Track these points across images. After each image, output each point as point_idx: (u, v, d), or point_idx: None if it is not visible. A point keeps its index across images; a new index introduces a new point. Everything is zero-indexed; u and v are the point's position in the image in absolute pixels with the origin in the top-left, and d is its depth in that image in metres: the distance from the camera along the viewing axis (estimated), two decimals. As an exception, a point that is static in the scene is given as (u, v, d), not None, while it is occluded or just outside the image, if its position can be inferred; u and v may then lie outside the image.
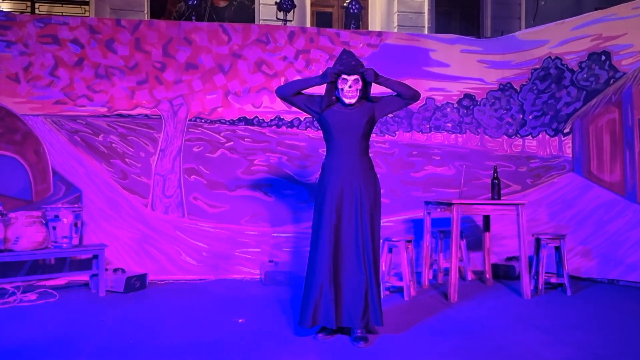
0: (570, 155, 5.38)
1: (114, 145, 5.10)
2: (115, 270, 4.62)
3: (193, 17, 5.52)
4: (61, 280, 4.71)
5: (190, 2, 5.58)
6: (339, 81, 3.15)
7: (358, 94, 3.17)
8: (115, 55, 5.11)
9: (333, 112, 3.18)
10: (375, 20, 9.68)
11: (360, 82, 3.16)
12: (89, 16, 8.34)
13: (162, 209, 5.15)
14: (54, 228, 4.29)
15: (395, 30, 8.95)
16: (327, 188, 3.14)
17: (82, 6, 8.96)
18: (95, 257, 4.44)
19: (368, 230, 3.09)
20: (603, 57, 5.13)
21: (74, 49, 5.04)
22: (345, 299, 3.08)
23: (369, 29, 8.99)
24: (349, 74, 3.11)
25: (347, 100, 3.15)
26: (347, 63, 3.11)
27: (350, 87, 3.13)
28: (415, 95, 3.21)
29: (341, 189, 3.12)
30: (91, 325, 3.41)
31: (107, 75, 5.09)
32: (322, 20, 9.52)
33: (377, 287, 3.10)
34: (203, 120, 5.28)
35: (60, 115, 5.01)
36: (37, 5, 8.93)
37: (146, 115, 5.18)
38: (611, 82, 5.09)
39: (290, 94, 3.24)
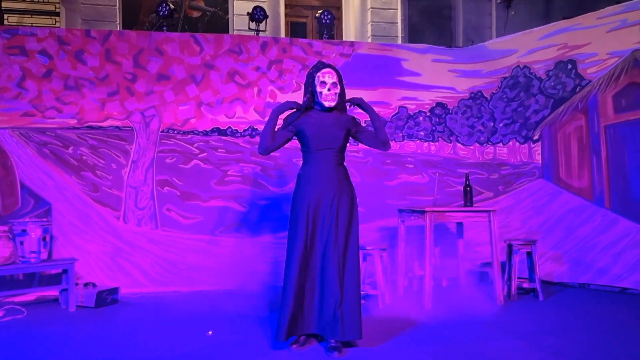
0: (540, 162, 5.48)
1: (84, 157, 5.02)
2: (85, 284, 4.53)
3: (164, 28, 5.47)
4: (30, 296, 4.59)
5: (162, 13, 5.52)
6: (318, 85, 3.15)
7: (337, 99, 3.18)
8: (85, 67, 5.04)
9: (310, 125, 3.17)
10: (350, 31, 9.75)
11: (339, 87, 3.18)
12: (58, 27, 8.23)
13: (135, 221, 5.07)
14: (22, 243, 4.19)
15: (369, 40, 9.02)
16: (304, 199, 3.13)
17: (52, 17, 8.82)
18: (65, 271, 4.34)
19: (343, 241, 3.08)
20: (569, 66, 5.26)
21: (42, 60, 4.96)
22: (321, 310, 3.05)
23: (344, 39, 9.06)
24: (321, 70, 3.15)
25: (327, 104, 3.16)
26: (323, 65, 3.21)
27: (329, 90, 3.14)
28: (386, 142, 3.30)
29: (317, 200, 3.11)
30: (60, 342, 3.32)
31: (77, 86, 5.02)
32: (296, 30, 9.54)
33: (356, 298, 3.05)
34: (176, 132, 5.24)
35: (28, 127, 4.91)
36: (6, 16, 8.77)
37: (117, 127, 5.11)
38: (577, 90, 5.21)
39: (269, 139, 3.15)
